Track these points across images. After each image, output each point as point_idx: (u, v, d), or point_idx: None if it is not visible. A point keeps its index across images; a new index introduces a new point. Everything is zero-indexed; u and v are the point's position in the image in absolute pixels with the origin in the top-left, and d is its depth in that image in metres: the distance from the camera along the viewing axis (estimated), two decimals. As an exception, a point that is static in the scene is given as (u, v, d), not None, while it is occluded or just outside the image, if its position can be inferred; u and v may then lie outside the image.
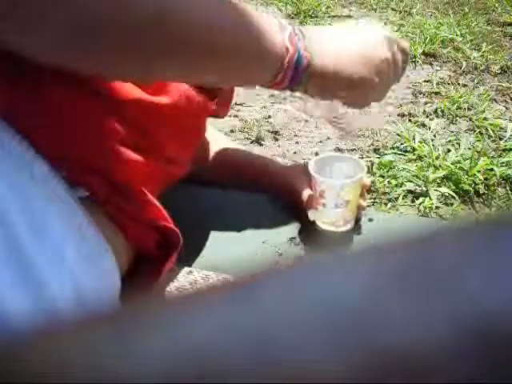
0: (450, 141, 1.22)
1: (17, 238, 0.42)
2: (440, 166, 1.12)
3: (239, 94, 1.43)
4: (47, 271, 0.44)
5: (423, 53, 1.55)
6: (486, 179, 1.10)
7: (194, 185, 0.94)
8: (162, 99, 0.61)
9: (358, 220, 0.89)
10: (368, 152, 1.15)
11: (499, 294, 0.11)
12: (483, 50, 1.56)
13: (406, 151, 1.17)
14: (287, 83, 0.56)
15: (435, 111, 1.31)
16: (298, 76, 0.56)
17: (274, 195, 0.93)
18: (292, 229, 0.90)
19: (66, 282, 0.46)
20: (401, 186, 1.07)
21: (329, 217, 0.83)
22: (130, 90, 0.58)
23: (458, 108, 1.32)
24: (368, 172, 1.09)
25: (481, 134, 1.25)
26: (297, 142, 1.27)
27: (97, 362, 0.11)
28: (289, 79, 0.56)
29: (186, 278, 0.74)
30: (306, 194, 0.85)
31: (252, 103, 1.39)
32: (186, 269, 0.74)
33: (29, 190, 0.46)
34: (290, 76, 0.55)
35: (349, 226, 0.86)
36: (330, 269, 0.13)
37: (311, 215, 0.84)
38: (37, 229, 0.45)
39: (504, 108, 1.36)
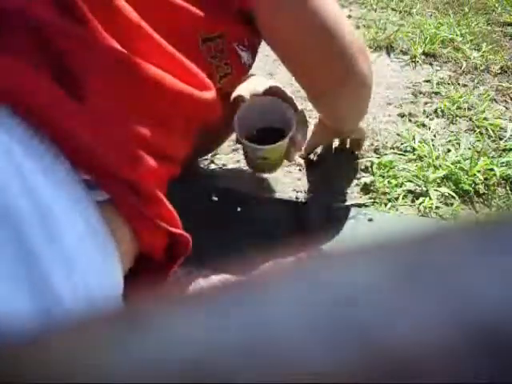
0: (450, 141, 1.22)
1: (28, 236, 0.42)
2: (440, 165, 1.12)
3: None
4: (57, 273, 0.44)
5: (423, 53, 1.55)
6: (486, 179, 1.10)
7: (193, 184, 0.93)
8: (205, 94, 0.65)
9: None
10: (368, 152, 1.15)
11: (499, 293, 0.11)
12: (483, 50, 1.55)
13: (405, 151, 1.17)
14: None
15: (435, 111, 1.31)
16: None
17: (272, 194, 0.93)
18: (290, 227, 0.89)
19: (77, 283, 0.46)
20: (401, 186, 1.07)
21: (254, 165, 0.96)
22: (161, 85, 0.59)
23: (458, 108, 1.32)
24: (368, 172, 1.09)
25: (481, 134, 1.25)
26: (297, 142, 1.27)
27: (97, 362, 0.11)
28: None
29: (186, 278, 0.74)
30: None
31: (252, 103, 1.39)
32: (186, 269, 0.74)
33: (44, 190, 0.46)
34: None
35: (276, 170, 0.98)
36: (329, 268, 0.13)
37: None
38: (49, 228, 0.45)
39: (504, 108, 1.36)
